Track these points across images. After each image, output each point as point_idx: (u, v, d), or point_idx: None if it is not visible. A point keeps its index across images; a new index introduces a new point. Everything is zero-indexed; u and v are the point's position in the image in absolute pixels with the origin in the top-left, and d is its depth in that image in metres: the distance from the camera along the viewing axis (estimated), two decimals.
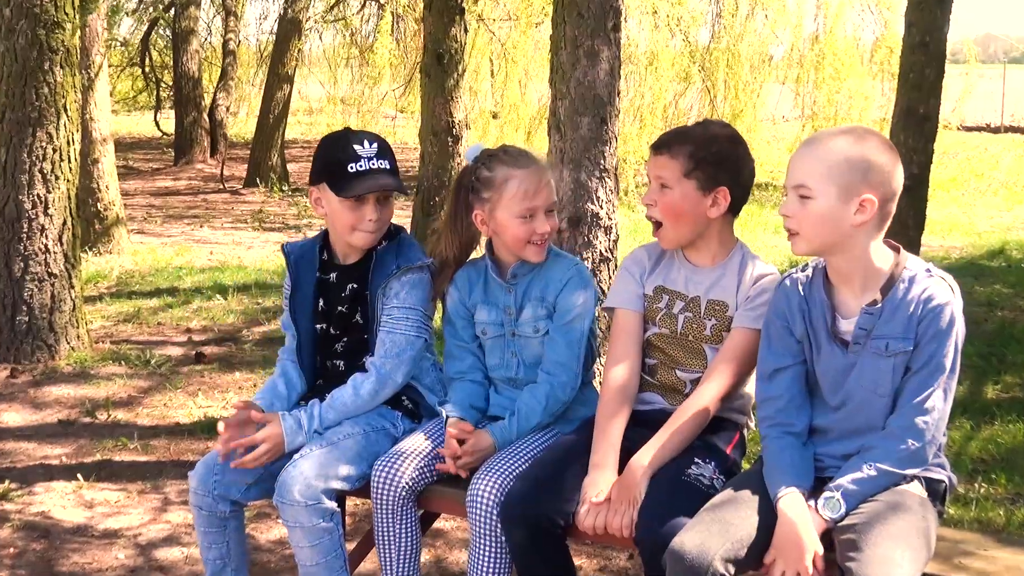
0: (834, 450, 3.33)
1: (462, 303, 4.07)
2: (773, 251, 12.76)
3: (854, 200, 3.14)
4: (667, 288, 3.79)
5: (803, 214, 3.18)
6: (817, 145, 3.18)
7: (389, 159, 3.99)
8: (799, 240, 3.22)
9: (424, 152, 11.09)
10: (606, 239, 5.47)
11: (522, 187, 3.85)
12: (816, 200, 3.15)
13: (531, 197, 3.84)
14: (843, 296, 3.32)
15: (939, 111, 8.04)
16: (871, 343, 3.24)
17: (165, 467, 5.96)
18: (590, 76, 5.44)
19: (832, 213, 3.15)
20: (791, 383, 3.39)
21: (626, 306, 3.81)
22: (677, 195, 3.65)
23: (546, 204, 3.87)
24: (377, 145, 3.98)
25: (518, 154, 3.94)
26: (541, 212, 3.86)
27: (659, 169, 3.67)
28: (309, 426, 3.90)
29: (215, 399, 7.11)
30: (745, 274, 3.70)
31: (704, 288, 3.73)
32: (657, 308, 3.79)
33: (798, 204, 3.19)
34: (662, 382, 3.81)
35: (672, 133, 3.77)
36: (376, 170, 3.94)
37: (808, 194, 3.16)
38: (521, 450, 3.79)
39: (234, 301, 10.07)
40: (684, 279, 3.78)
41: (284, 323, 4.24)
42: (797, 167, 3.19)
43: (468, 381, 4.05)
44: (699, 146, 3.64)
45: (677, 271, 3.80)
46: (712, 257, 3.75)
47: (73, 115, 7.89)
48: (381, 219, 3.99)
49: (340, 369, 4.12)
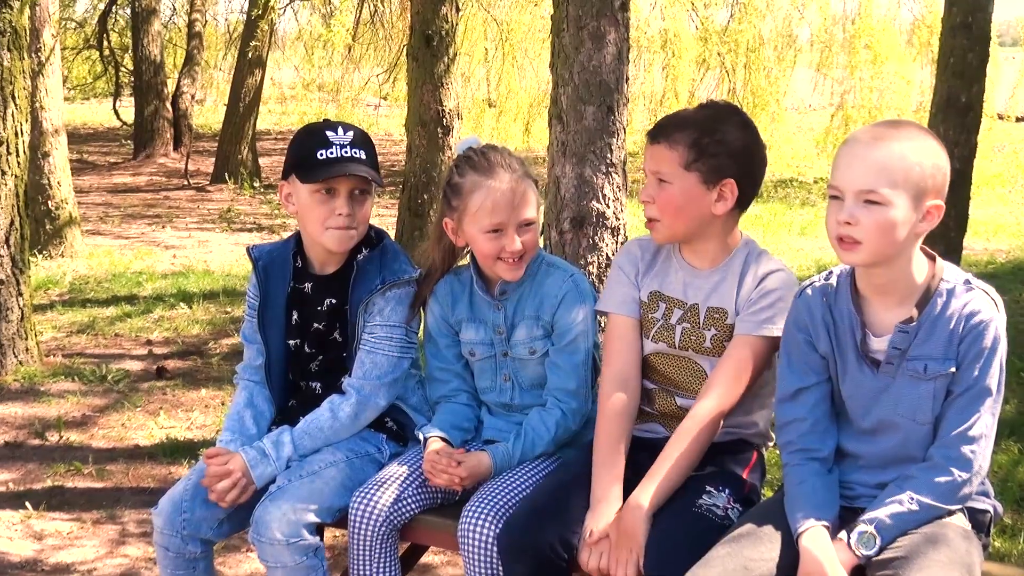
0: (867, 478, 3.32)
1: (444, 319, 4.05)
2: (798, 255, 12.76)
3: (922, 207, 3.10)
4: (664, 294, 3.75)
5: (872, 223, 3.09)
6: (883, 145, 3.10)
7: (366, 150, 3.96)
8: (860, 250, 3.13)
9: (411, 144, 11.10)
10: (613, 241, 5.46)
11: (489, 200, 3.81)
12: (889, 208, 3.08)
13: (499, 212, 3.80)
14: (874, 310, 3.28)
15: (983, 100, 8.03)
16: (906, 364, 3.21)
17: (123, 494, 5.94)
18: (595, 60, 5.44)
19: (904, 222, 3.09)
20: (815, 404, 3.36)
21: (621, 311, 3.77)
22: (677, 190, 3.58)
23: (517, 220, 3.82)
24: (353, 133, 3.96)
25: (495, 159, 3.88)
26: (512, 228, 3.81)
27: (656, 161, 3.61)
28: (278, 453, 3.88)
29: (178, 419, 7.10)
30: (747, 275, 3.64)
31: (703, 294, 3.69)
32: (653, 319, 3.75)
33: (864, 212, 3.10)
34: (661, 410, 3.79)
35: (670, 119, 3.69)
36: (349, 158, 3.90)
37: (879, 199, 3.08)
38: (520, 476, 3.77)
39: (200, 310, 10.06)
40: (682, 283, 3.73)
41: (246, 335, 4.20)
42: (861, 170, 3.11)
43: (453, 403, 4.04)
44: (702, 132, 3.56)
45: (675, 274, 3.75)
46: (712, 258, 3.70)
47: (21, 103, 7.88)
48: (355, 216, 3.95)
49: (316, 391, 4.11)
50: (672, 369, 3.75)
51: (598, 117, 5.44)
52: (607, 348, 3.78)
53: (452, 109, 10.94)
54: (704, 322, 3.68)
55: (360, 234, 4.01)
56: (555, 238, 5.36)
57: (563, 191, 5.39)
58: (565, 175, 5.42)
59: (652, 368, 3.79)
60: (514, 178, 3.83)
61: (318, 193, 3.91)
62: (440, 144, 10.86)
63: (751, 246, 3.71)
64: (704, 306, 3.68)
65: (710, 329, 3.67)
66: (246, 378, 4.19)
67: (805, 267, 11.91)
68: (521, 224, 3.82)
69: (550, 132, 5.59)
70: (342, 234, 3.95)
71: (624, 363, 3.72)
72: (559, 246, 5.32)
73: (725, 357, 3.59)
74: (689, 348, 3.71)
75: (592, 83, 5.44)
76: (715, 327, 3.66)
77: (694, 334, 3.69)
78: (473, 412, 4.05)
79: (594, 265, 5.44)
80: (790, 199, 17.58)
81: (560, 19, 5.52)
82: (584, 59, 5.45)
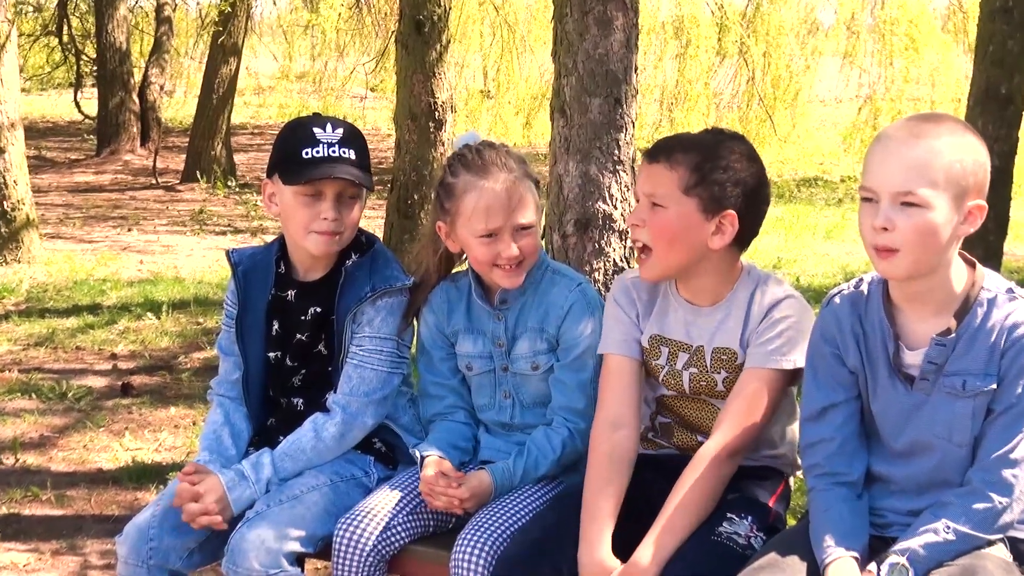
0: (899, 504, 3.32)
1: (439, 330, 4.06)
2: (824, 260, 12.78)
3: (963, 208, 3.09)
4: (665, 337, 3.75)
5: (910, 228, 3.07)
6: (920, 141, 3.08)
7: (356, 149, 3.96)
8: (898, 259, 3.11)
9: (400, 140, 11.10)
10: (621, 246, 5.45)
11: (482, 202, 3.81)
12: (928, 210, 3.06)
13: (493, 215, 3.80)
14: (908, 321, 3.27)
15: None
16: (943, 380, 3.21)
17: (85, 522, 5.94)
18: (602, 48, 5.44)
19: (945, 226, 3.08)
20: (844, 423, 3.36)
21: (621, 351, 3.76)
22: (672, 216, 3.56)
23: (514, 224, 3.83)
24: (343, 131, 3.96)
25: (490, 157, 3.88)
26: (507, 233, 3.82)
27: (653, 182, 3.59)
28: (258, 475, 3.88)
29: (145, 440, 7.10)
30: (752, 308, 3.63)
31: (707, 334, 3.69)
32: (658, 366, 3.76)
33: (902, 215, 3.08)
34: (680, 445, 3.80)
35: (672, 139, 3.70)
36: (336, 158, 3.90)
37: (917, 201, 3.06)
38: (518, 503, 3.77)
39: (169, 321, 10.06)
40: (683, 324, 3.73)
41: (223, 347, 4.21)
42: (897, 169, 3.09)
43: (450, 420, 4.05)
44: (706, 156, 3.56)
45: (674, 313, 3.75)
46: (713, 295, 3.69)
47: None
48: (342, 221, 3.95)
49: (298, 408, 4.11)
50: (688, 411, 3.77)
51: (604, 110, 5.44)
52: (602, 389, 3.76)
53: (445, 101, 10.95)
54: (712, 365, 3.68)
55: (347, 240, 4.01)
56: (557, 242, 5.35)
57: (566, 191, 5.38)
58: (568, 173, 5.42)
59: (666, 407, 3.80)
60: (510, 178, 3.83)
61: (302, 195, 3.91)
62: (432, 139, 10.87)
63: (754, 275, 3.70)
64: (710, 347, 3.68)
65: (720, 372, 3.68)
66: (221, 394, 4.19)
67: (831, 274, 11.93)
68: (518, 228, 3.83)
69: (552, 127, 5.59)
70: (326, 239, 3.95)
71: (620, 406, 3.70)
72: (562, 251, 5.32)
73: (734, 393, 3.59)
74: (701, 393, 3.72)
75: (598, 73, 5.44)
76: (725, 369, 3.67)
77: (704, 379, 3.70)
78: (471, 431, 4.06)
79: (600, 272, 5.44)
80: (814, 199, 17.61)
81: (563, 3, 5.53)
82: (589, 47, 5.45)
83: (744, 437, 3.52)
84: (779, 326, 3.56)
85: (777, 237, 14.33)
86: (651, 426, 3.89)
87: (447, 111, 10.98)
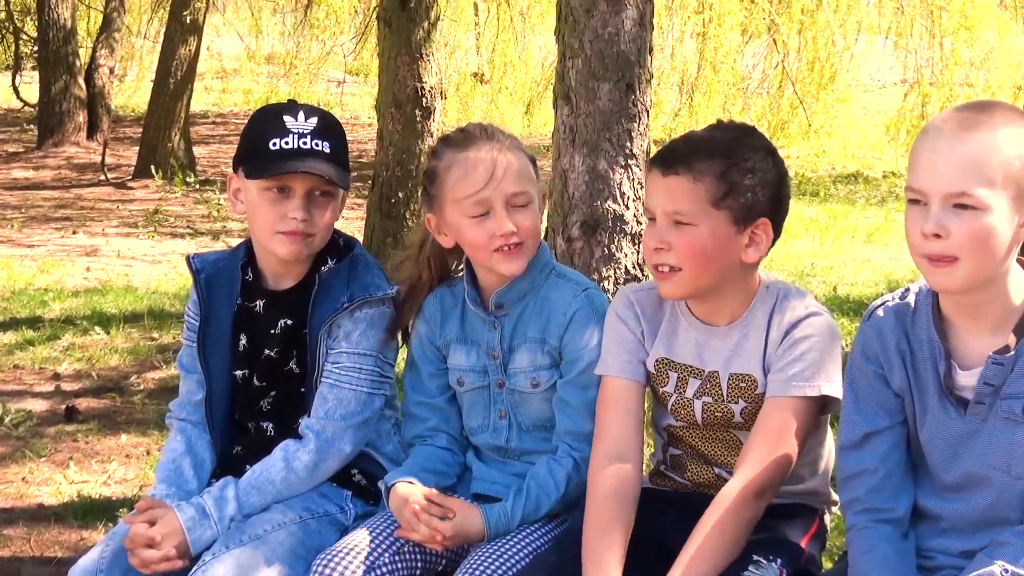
0: (950, 545, 3.33)
1: (431, 341, 4.07)
2: (864, 268, 12.77)
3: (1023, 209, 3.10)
4: (674, 361, 3.75)
5: (966, 233, 3.05)
6: (973, 136, 3.07)
7: (332, 142, 3.98)
8: (956, 270, 3.09)
9: (383, 130, 11.10)
10: (633, 251, 5.47)
11: (464, 173, 3.83)
12: (985, 213, 3.05)
13: (477, 184, 3.81)
14: (962, 337, 3.26)
15: None
16: (1001, 404, 3.21)
17: (24, 565, 5.93)
18: (611, 26, 5.46)
19: (1005, 230, 3.07)
20: (888, 452, 3.37)
21: (623, 374, 3.76)
22: (706, 233, 3.54)
23: (504, 194, 3.82)
24: (318, 120, 3.97)
25: (474, 131, 3.92)
26: (500, 205, 3.82)
27: (674, 198, 3.55)
28: (220, 513, 3.87)
29: (92, 472, 7.10)
30: (772, 328, 3.63)
31: (722, 358, 3.69)
32: (665, 393, 3.77)
33: (956, 219, 3.06)
34: (695, 480, 3.80)
35: (683, 144, 3.66)
36: (308, 151, 3.91)
37: (973, 203, 3.04)
38: (517, 544, 3.77)
39: (119, 336, 10.05)
40: (695, 345, 3.73)
41: (184, 364, 4.21)
42: (948, 167, 3.07)
43: (428, 445, 4.05)
44: (730, 160, 3.54)
45: (684, 334, 3.75)
46: (730, 312, 3.69)
47: None
48: (313, 222, 3.95)
49: (268, 434, 4.12)
50: (701, 442, 3.78)
51: (615, 97, 5.46)
52: (601, 416, 3.75)
53: (434, 86, 10.95)
54: (729, 394, 3.68)
55: (319, 244, 4.01)
56: (562, 247, 5.36)
57: (572, 188, 5.40)
58: (574, 168, 5.44)
59: (676, 438, 3.81)
60: (495, 147, 3.86)
61: (269, 191, 3.92)
62: (419, 129, 10.87)
63: (774, 289, 3.70)
64: (726, 373, 3.69)
65: (737, 402, 3.68)
66: (182, 418, 4.20)
67: (872, 283, 11.92)
68: (510, 199, 3.83)
69: (556, 115, 5.61)
70: (293, 241, 3.94)
71: (622, 436, 3.69)
72: (567, 256, 5.33)
73: (757, 426, 3.59)
74: (716, 425, 3.72)
75: (608, 55, 5.46)
76: (744, 398, 3.67)
77: (719, 409, 3.70)
78: (453, 457, 4.07)
79: (609, 280, 5.46)
80: (854, 198, 17.60)
81: None
82: (598, 25, 5.47)
83: (771, 475, 3.51)
84: (800, 347, 3.56)
85: (811, 241, 14.33)
86: (663, 459, 3.89)
87: (436, 97, 10.99)
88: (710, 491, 3.63)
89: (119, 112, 25.23)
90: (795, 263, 12.66)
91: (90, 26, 26.48)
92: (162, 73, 19.81)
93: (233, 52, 29.33)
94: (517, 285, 3.92)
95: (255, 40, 28.06)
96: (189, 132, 20.17)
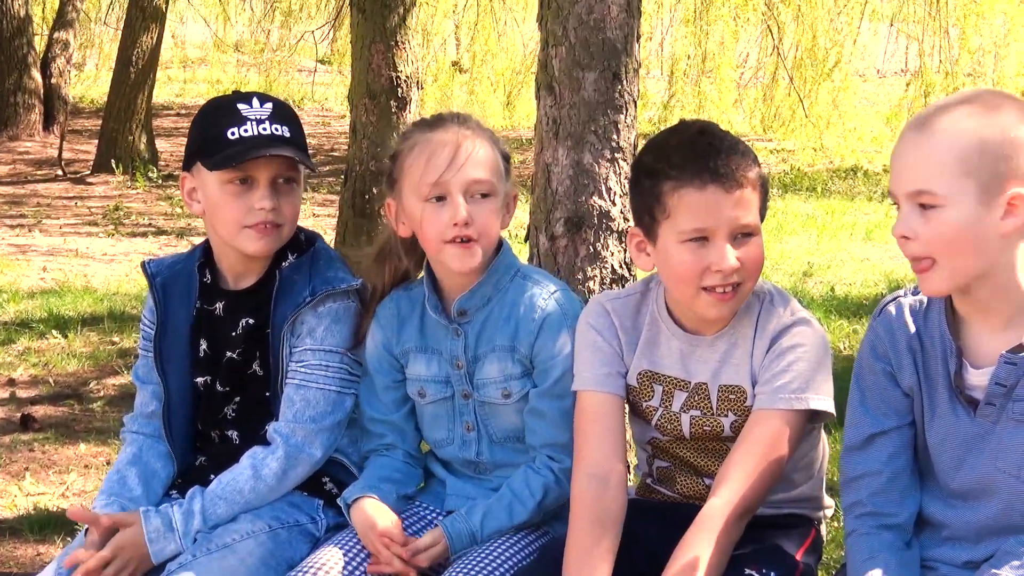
0: (954, 555, 3.34)
1: (387, 350, 4.05)
2: (863, 266, 12.79)
3: (1000, 199, 3.10)
4: (658, 374, 3.76)
5: (932, 232, 3.11)
6: (932, 127, 3.12)
7: (290, 126, 4.00)
8: (935, 273, 3.15)
9: (356, 122, 11.08)
10: (620, 250, 5.47)
11: (423, 154, 3.83)
12: (948, 209, 3.09)
13: (435, 168, 3.80)
14: (974, 334, 3.28)
15: None
16: (1013, 406, 3.23)
17: None
18: (597, 13, 5.46)
19: (972, 222, 3.10)
20: (894, 454, 3.38)
21: (602, 388, 3.76)
22: (761, 244, 3.58)
23: (463, 181, 3.81)
24: (272, 105, 3.99)
25: (445, 115, 3.95)
26: (457, 190, 3.80)
27: (741, 211, 3.54)
28: (186, 526, 3.88)
29: (50, 483, 7.09)
30: (759, 335, 3.65)
31: (711, 369, 3.70)
32: (650, 407, 3.77)
33: (920, 219, 3.12)
34: (685, 492, 3.81)
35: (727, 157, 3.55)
36: (269, 136, 3.93)
37: (931, 201, 3.10)
38: (496, 555, 3.77)
39: (78, 340, 10.05)
40: (679, 356, 3.74)
41: (139, 375, 4.22)
42: (909, 164, 3.14)
43: (384, 456, 4.05)
44: (760, 166, 3.60)
45: (667, 344, 3.75)
46: (716, 321, 3.69)
47: None
48: (281, 211, 3.96)
49: (234, 442, 4.12)
50: (689, 453, 3.79)
51: (600, 87, 5.46)
52: (580, 434, 3.74)
53: (410, 76, 10.93)
54: (719, 407, 3.69)
55: (287, 235, 4.02)
56: (544, 245, 5.35)
57: (555, 183, 5.39)
58: (558, 162, 5.43)
59: (662, 450, 3.82)
60: (464, 131, 3.86)
61: (231, 184, 3.92)
62: (394, 121, 10.84)
63: (760, 291, 3.71)
64: (715, 385, 3.70)
65: (727, 415, 3.69)
66: (135, 430, 4.20)
67: (872, 283, 11.94)
68: (470, 187, 3.82)
69: (538, 106, 5.60)
70: (264, 233, 3.95)
71: (605, 456, 3.68)
72: (550, 255, 5.32)
73: (741, 439, 3.59)
74: (705, 439, 3.73)
75: (593, 42, 5.46)
76: (733, 411, 3.68)
77: (708, 422, 3.71)
78: (411, 469, 4.07)
79: (595, 281, 5.45)
80: (853, 193, 17.63)
81: None
82: (582, 10, 5.47)
83: (756, 494, 3.52)
84: (787, 358, 3.57)
85: (807, 238, 14.35)
86: (649, 472, 3.90)
87: (412, 87, 10.96)
88: (701, 503, 3.63)
89: (77, 104, 25.19)
90: (791, 262, 12.68)
91: (46, 13, 26.42)
92: (122, 62, 19.75)
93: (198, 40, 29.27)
94: (480, 290, 3.91)
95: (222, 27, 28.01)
96: (151, 125, 20.14)
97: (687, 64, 19.97)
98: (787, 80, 19.98)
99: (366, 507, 3.83)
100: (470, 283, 3.91)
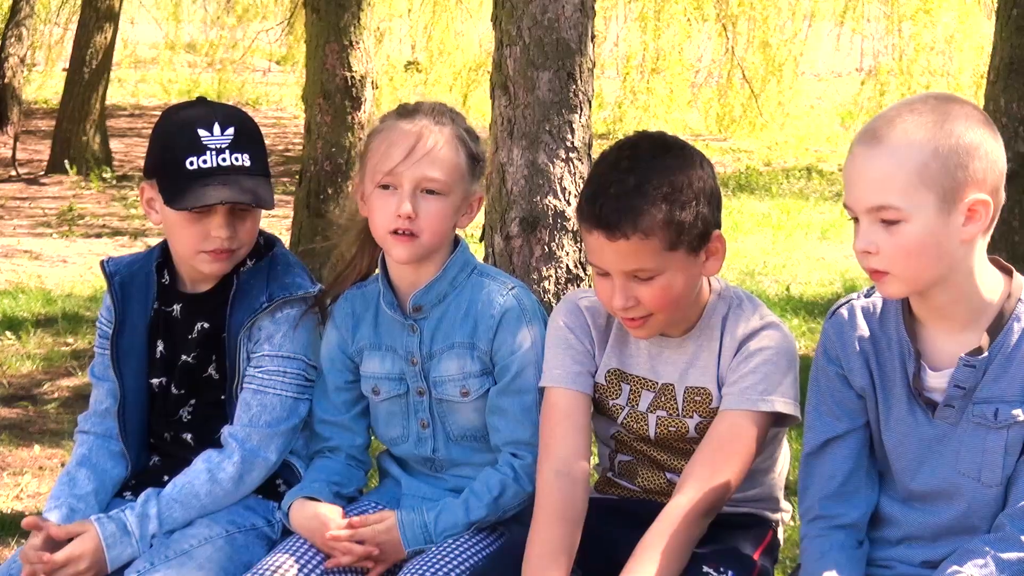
0: (912, 554, 3.34)
1: (342, 349, 4.04)
2: (819, 266, 12.82)
3: (959, 206, 3.10)
4: (626, 373, 3.76)
5: (895, 247, 3.11)
6: (885, 141, 3.11)
7: (251, 151, 3.96)
8: (892, 281, 3.16)
9: (310, 122, 11.07)
10: (575, 249, 5.48)
11: (385, 141, 3.83)
12: (911, 223, 3.09)
13: (391, 157, 3.79)
14: (932, 336, 3.28)
15: None
16: (972, 408, 3.23)
17: None
18: (551, 12, 5.46)
19: (935, 231, 3.10)
20: (847, 457, 3.38)
21: (570, 386, 3.74)
22: (670, 276, 3.51)
23: (415, 176, 3.78)
24: (234, 131, 3.94)
25: (424, 105, 3.92)
26: (408, 184, 3.78)
27: (628, 260, 3.50)
28: (142, 530, 3.85)
29: (3, 485, 7.06)
30: (725, 337, 3.65)
31: (678, 370, 3.70)
32: (616, 406, 3.77)
33: (884, 234, 3.12)
34: (646, 487, 3.81)
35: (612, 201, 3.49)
36: (228, 169, 3.89)
37: (897, 216, 3.09)
38: (451, 557, 3.75)
39: (31, 342, 10.00)
40: (647, 357, 3.74)
41: (95, 373, 4.19)
42: (866, 180, 3.13)
43: (327, 458, 4.04)
44: (670, 201, 3.47)
45: (635, 344, 3.75)
46: (684, 323, 3.69)
47: None
48: (237, 237, 3.94)
49: (189, 444, 4.10)
50: (653, 450, 3.78)
51: (555, 86, 5.46)
52: (547, 431, 3.73)
53: (364, 75, 10.93)
54: (684, 408, 3.70)
55: (244, 253, 4.00)
56: (500, 245, 5.36)
57: (510, 183, 5.40)
58: (512, 162, 5.43)
59: (625, 444, 3.81)
60: (433, 125, 3.84)
61: (188, 212, 3.89)
62: (348, 122, 10.83)
63: (727, 295, 3.71)
64: (682, 387, 3.70)
65: (692, 416, 3.69)
66: (86, 430, 4.17)
67: (827, 282, 11.98)
68: (421, 182, 3.79)
69: (493, 106, 5.61)
70: (217, 259, 3.94)
71: (572, 451, 3.67)
72: (505, 255, 5.32)
73: (707, 439, 3.59)
74: (670, 440, 3.73)
75: (547, 42, 5.46)
76: (699, 413, 3.69)
77: (673, 423, 3.71)
78: (354, 472, 4.05)
79: (550, 281, 5.45)
80: (807, 192, 17.68)
81: None
82: (536, 10, 5.47)
83: (718, 493, 3.52)
84: (754, 360, 3.57)
85: (762, 238, 14.38)
86: (610, 466, 3.90)
87: (366, 87, 10.96)
88: (661, 498, 3.65)
89: (30, 104, 25.06)
90: (746, 261, 12.70)
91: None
92: (76, 62, 19.67)
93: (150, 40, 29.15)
94: (436, 286, 3.89)
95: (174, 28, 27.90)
96: (105, 125, 20.04)
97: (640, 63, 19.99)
98: (740, 78, 20.02)
99: (320, 510, 3.82)
100: (424, 279, 3.90)
